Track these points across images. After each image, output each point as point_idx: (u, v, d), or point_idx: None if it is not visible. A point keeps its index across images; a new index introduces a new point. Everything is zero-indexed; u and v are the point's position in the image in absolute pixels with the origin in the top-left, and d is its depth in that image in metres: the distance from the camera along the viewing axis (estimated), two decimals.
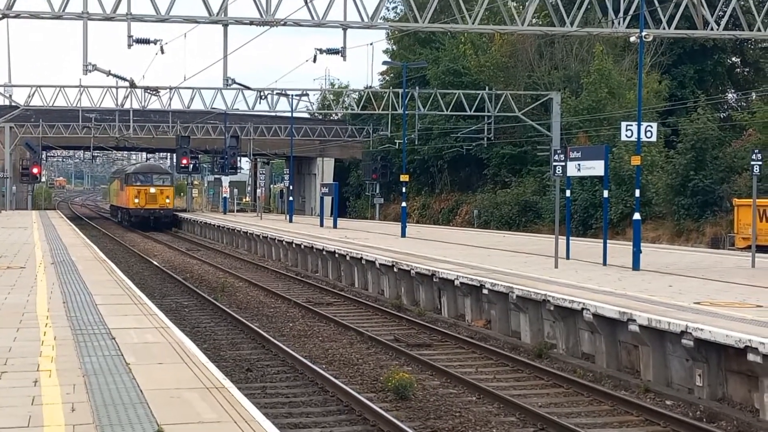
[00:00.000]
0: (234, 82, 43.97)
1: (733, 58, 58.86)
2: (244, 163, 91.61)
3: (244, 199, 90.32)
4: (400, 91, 52.66)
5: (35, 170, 66.05)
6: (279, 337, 18.44)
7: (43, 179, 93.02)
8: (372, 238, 34.78)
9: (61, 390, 9.13)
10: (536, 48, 57.57)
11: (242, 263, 36.48)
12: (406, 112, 47.64)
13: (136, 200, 61.84)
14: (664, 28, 34.32)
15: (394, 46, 76.38)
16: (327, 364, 15.97)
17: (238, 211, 75.76)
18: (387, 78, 77.96)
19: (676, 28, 34.91)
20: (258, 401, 12.19)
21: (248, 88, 53.53)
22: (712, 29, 34.37)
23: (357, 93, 66.79)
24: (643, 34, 22.98)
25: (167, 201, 62.30)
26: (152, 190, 61.88)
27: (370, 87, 70.02)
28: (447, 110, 58.82)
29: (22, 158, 69.65)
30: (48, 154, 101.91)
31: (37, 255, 25.03)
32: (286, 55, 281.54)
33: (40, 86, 56.36)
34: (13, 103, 57.20)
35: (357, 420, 12.21)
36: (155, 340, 12.08)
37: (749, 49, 58.47)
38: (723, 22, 34.57)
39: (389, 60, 68.81)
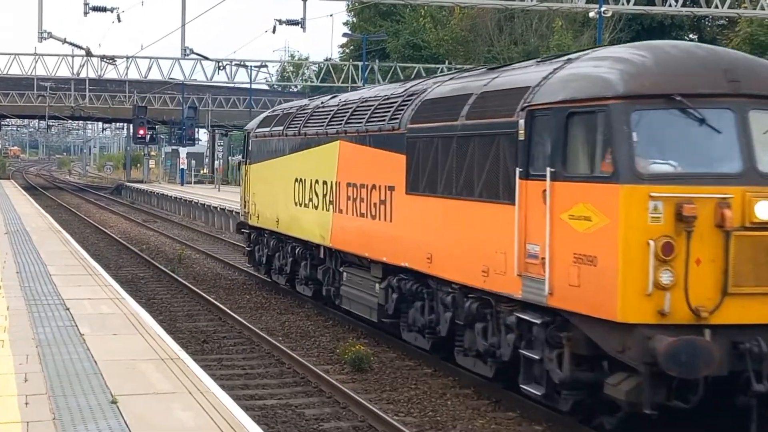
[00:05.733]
0: (192, 52, 43.73)
1: (691, 36, 59.31)
2: (202, 135, 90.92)
3: (202, 171, 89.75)
4: (360, 63, 52.52)
5: None
6: (236, 309, 18.37)
7: None
8: None
9: (14, 360, 9.06)
10: (496, 22, 57.59)
11: (199, 235, 36.25)
12: (366, 85, 47.52)
13: None
14: (622, 4, 34.49)
15: (354, 19, 76.02)
16: (284, 336, 15.97)
17: (195, 182, 75.18)
18: (347, 50, 77.64)
19: (635, 4, 35.11)
20: (214, 373, 12.17)
21: (206, 58, 53.18)
22: (670, 6, 34.64)
23: (317, 65, 66.49)
24: (602, 9, 23.10)
25: None
26: None
27: (330, 59, 69.77)
28: None
29: None
30: (2, 122, 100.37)
31: None
32: (245, 26, 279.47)
33: None
34: None
35: (313, 392, 12.24)
36: (110, 311, 12.01)
37: (706, 27, 58.98)
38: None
39: (349, 32, 68.54)
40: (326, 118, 16.58)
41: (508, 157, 10.38)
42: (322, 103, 17.78)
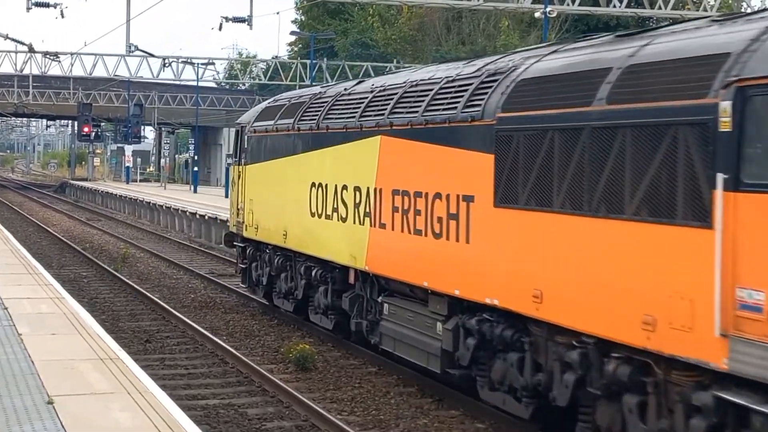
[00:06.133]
0: (137, 48, 43.30)
1: None
2: (149, 133, 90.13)
3: (148, 169, 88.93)
4: (308, 62, 52.41)
5: None
6: (180, 308, 18.22)
7: None
8: None
9: None
10: (444, 22, 57.83)
11: (144, 234, 35.92)
12: (314, 84, 47.42)
13: None
14: (568, 5, 34.80)
15: (302, 17, 75.87)
16: (228, 335, 15.86)
17: (141, 180, 74.51)
18: (295, 49, 77.43)
19: (580, 5, 35.45)
20: (156, 373, 12.06)
21: (152, 55, 52.75)
22: (615, 6, 35.04)
23: (264, 63, 66.23)
24: (548, 10, 23.29)
25: None
26: None
27: (278, 57, 69.53)
28: None
29: None
30: None
31: None
32: (192, 23, 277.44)
33: None
34: None
35: (256, 391, 12.18)
36: (50, 310, 11.84)
37: (651, 28, 59.73)
38: (625, 0, 35.23)
39: (297, 30, 68.35)
40: (358, 108, 13.03)
41: (695, 157, 7.06)
42: (345, 89, 14.33)
